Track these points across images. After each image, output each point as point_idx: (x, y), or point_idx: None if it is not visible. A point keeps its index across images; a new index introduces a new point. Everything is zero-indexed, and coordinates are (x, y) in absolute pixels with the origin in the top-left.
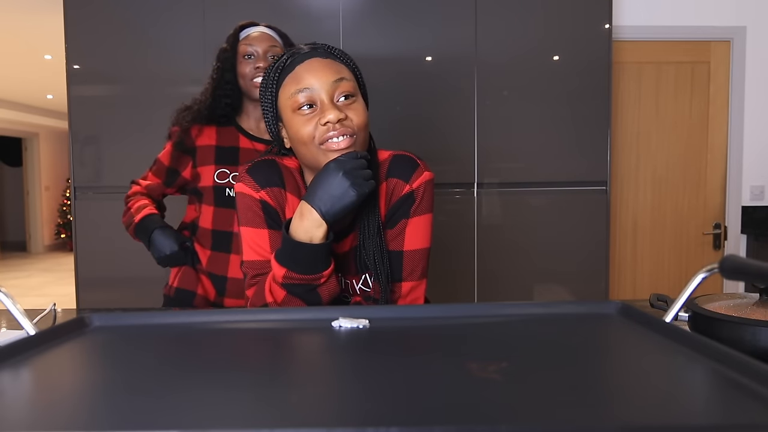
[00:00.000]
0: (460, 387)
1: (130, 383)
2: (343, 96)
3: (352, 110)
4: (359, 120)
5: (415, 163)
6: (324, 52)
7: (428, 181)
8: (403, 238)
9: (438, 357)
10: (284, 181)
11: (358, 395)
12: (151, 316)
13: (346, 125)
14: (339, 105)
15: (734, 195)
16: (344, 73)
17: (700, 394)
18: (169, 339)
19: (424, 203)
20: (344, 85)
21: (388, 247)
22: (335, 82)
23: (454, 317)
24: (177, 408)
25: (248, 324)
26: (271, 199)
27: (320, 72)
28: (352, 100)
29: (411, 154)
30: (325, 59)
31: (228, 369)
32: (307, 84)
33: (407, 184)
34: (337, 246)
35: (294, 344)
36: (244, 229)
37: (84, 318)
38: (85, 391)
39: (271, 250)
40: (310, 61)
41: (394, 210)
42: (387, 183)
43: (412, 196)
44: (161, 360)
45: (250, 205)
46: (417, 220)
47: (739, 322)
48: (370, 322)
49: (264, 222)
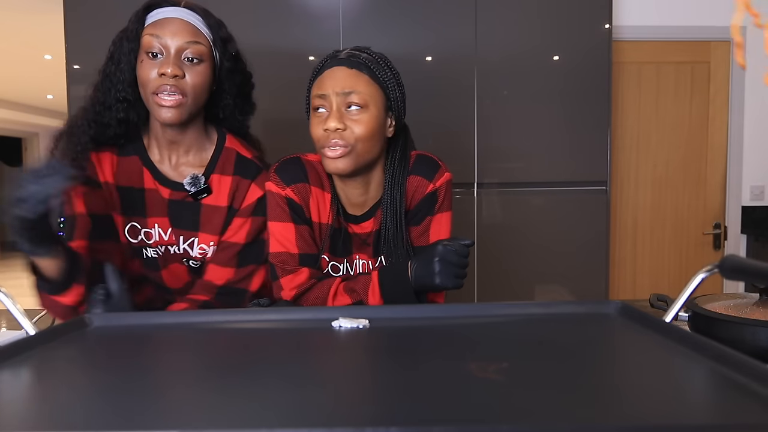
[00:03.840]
0: (460, 387)
1: (130, 383)
2: (351, 106)
3: (356, 122)
4: (360, 132)
5: (437, 164)
6: (355, 62)
7: (449, 181)
8: (428, 233)
9: (438, 357)
10: (308, 175)
11: (357, 395)
12: (151, 316)
13: (344, 136)
14: (344, 114)
15: (734, 195)
16: (360, 86)
17: (700, 394)
18: (169, 339)
19: (446, 201)
20: (355, 97)
21: (415, 242)
22: (346, 94)
23: (454, 317)
24: (177, 408)
25: (248, 324)
26: (296, 195)
27: (337, 81)
28: (360, 111)
29: (433, 156)
30: (350, 69)
31: (228, 369)
32: (324, 90)
33: (431, 183)
34: (359, 227)
35: (294, 344)
36: (272, 224)
37: (84, 318)
38: (84, 391)
39: (296, 243)
40: (334, 69)
41: (418, 208)
42: (410, 180)
43: (436, 194)
44: (161, 360)
45: (278, 201)
46: (440, 216)
47: (739, 322)
48: (370, 322)
49: (290, 217)
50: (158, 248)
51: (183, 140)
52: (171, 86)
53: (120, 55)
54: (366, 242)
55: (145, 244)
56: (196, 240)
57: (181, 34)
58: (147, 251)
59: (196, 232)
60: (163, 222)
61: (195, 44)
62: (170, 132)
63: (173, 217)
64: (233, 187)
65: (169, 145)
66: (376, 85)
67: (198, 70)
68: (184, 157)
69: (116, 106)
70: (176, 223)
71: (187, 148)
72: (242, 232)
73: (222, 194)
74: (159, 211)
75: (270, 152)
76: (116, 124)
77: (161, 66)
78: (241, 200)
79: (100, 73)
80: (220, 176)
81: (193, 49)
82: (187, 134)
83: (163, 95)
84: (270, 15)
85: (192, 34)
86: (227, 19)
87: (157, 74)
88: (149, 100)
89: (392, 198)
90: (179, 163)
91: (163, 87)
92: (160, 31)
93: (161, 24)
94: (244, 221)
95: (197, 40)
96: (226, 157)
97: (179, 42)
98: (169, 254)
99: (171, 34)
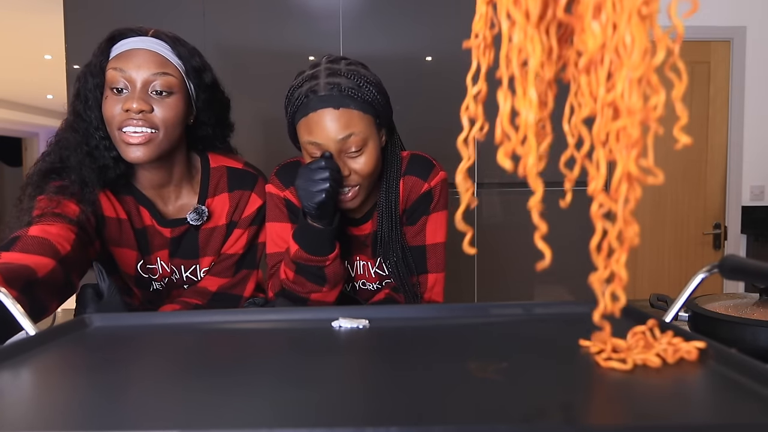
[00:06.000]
0: (460, 387)
1: (131, 383)
2: (351, 149)
3: (358, 163)
4: (365, 171)
5: (432, 164)
6: (339, 98)
7: (443, 180)
8: (425, 233)
9: (438, 357)
10: None
11: (357, 395)
12: (152, 316)
13: (350, 181)
14: (345, 158)
15: (734, 195)
16: (353, 126)
17: (700, 394)
18: (170, 339)
19: (442, 200)
20: (352, 141)
21: (411, 242)
22: (343, 140)
23: (454, 317)
24: (176, 408)
25: (248, 324)
26: (294, 197)
27: (329, 128)
28: (359, 152)
29: (427, 155)
30: (337, 110)
31: (228, 369)
32: (317, 139)
33: (425, 182)
34: (357, 229)
35: (293, 344)
36: (270, 224)
37: (84, 318)
38: (85, 391)
39: None
40: (321, 112)
41: (414, 207)
42: (405, 180)
43: (431, 194)
44: (161, 360)
45: (276, 202)
46: (436, 216)
47: (739, 322)
48: (370, 322)
49: (287, 217)
50: (162, 281)
51: (171, 181)
52: (137, 121)
53: (86, 92)
54: (365, 243)
55: (152, 279)
56: (198, 266)
57: (147, 66)
58: (154, 284)
59: (196, 259)
60: (163, 254)
61: (163, 76)
62: (155, 177)
63: (173, 248)
64: (233, 203)
65: (159, 189)
66: (366, 114)
67: (168, 104)
68: (176, 193)
69: (102, 144)
70: (176, 253)
71: (177, 184)
72: (240, 243)
73: (221, 214)
74: (160, 245)
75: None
76: (114, 165)
77: (125, 101)
78: (242, 212)
79: (70, 113)
80: (214, 199)
81: (161, 81)
82: (173, 174)
83: (129, 131)
84: (269, 14)
85: (159, 65)
86: (227, 19)
87: (121, 110)
88: (116, 137)
89: (387, 200)
90: (175, 202)
91: (129, 122)
92: (124, 64)
93: (126, 56)
94: (243, 232)
95: (165, 71)
96: (216, 178)
97: (145, 74)
98: (173, 284)
99: (136, 67)
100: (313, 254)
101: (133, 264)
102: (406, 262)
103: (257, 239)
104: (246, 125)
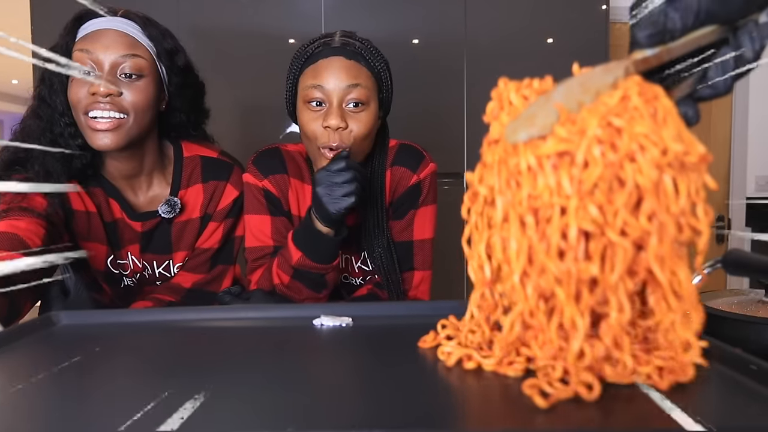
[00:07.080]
0: (448, 388)
1: (100, 385)
2: (352, 102)
3: (356, 120)
4: (360, 131)
5: (422, 154)
6: (351, 52)
7: (433, 173)
8: (412, 228)
9: (424, 356)
10: (287, 167)
11: (339, 397)
12: (123, 314)
13: (342, 136)
14: (346, 111)
15: (738, 186)
16: (362, 79)
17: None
18: (142, 338)
19: (431, 194)
20: (357, 92)
21: (397, 238)
22: (348, 87)
23: (439, 315)
24: (148, 411)
25: (225, 322)
26: (273, 187)
27: (338, 73)
28: (360, 108)
29: (416, 145)
30: (349, 60)
31: (205, 369)
32: (322, 81)
33: (414, 174)
34: None
35: (273, 343)
36: (248, 217)
37: (51, 316)
38: (51, 393)
39: (271, 236)
40: (333, 58)
41: (401, 200)
42: (392, 171)
43: (419, 186)
44: (132, 360)
45: (254, 193)
46: (424, 210)
47: (743, 320)
48: (353, 320)
49: (266, 209)
50: (133, 277)
51: (142, 171)
52: (105, 105)
53: (51, 76)
54: (348, 236)
55: (123, 275)
56: (171, 261)
57: (116, 47)
58: (125, 281)
59: (169, 254)
60: (134, 249)
61: (133, 57)
62: (124, 166)
63: (144, 242)
64: (207, 194)
65: (129, 179)
66: (374, 79)
67: (138, 87)
68: (147, 184)
69: (67, 131)
70: (147, 248)
71: (149, 174)
72: (216, 236)
73: (195, 207)
74: (131, 239)
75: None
76: (80, 153)
77: (92, 84)
78: (217, 204)
79: (35, 98)
80: (187, 190)
81: (130, 63)
82: (144, 164)
83: (97, 116)
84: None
85: (128, 46)
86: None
87: (87, 93)
88: (82, 123)
89: (373, 189)
90: (146, 193)
91: (95, 105)
92: (91, 45)
93: (93, 37)
94: (218, 225)
95: (135, 52)
96: (190, 168)
97: (114, 56)
98: (145, 280)
99: (103, 48)
100: (318, 262)
101: (102, 259)
102: (391, 257)
103: (234, 233)
104: (222, 111)
